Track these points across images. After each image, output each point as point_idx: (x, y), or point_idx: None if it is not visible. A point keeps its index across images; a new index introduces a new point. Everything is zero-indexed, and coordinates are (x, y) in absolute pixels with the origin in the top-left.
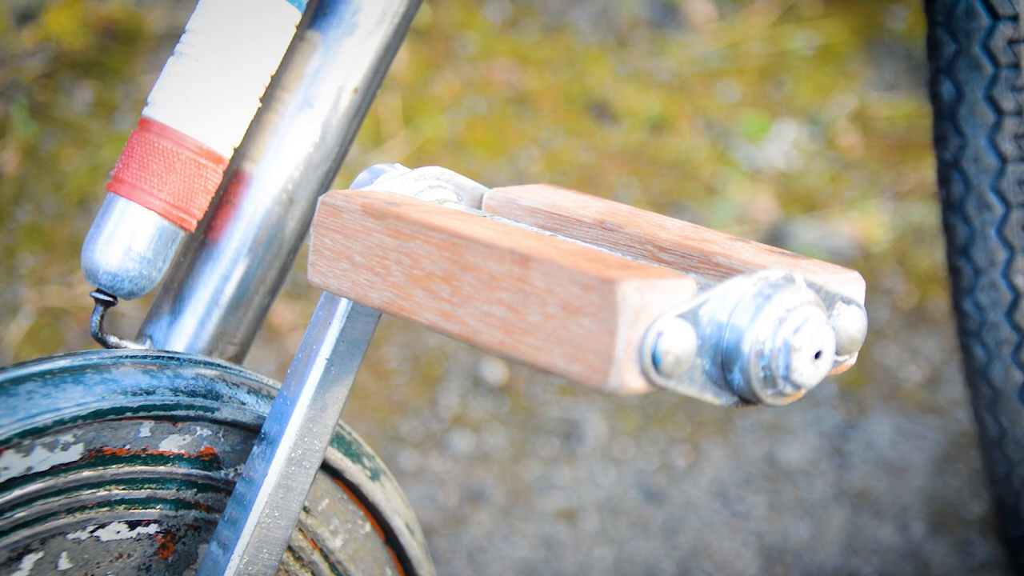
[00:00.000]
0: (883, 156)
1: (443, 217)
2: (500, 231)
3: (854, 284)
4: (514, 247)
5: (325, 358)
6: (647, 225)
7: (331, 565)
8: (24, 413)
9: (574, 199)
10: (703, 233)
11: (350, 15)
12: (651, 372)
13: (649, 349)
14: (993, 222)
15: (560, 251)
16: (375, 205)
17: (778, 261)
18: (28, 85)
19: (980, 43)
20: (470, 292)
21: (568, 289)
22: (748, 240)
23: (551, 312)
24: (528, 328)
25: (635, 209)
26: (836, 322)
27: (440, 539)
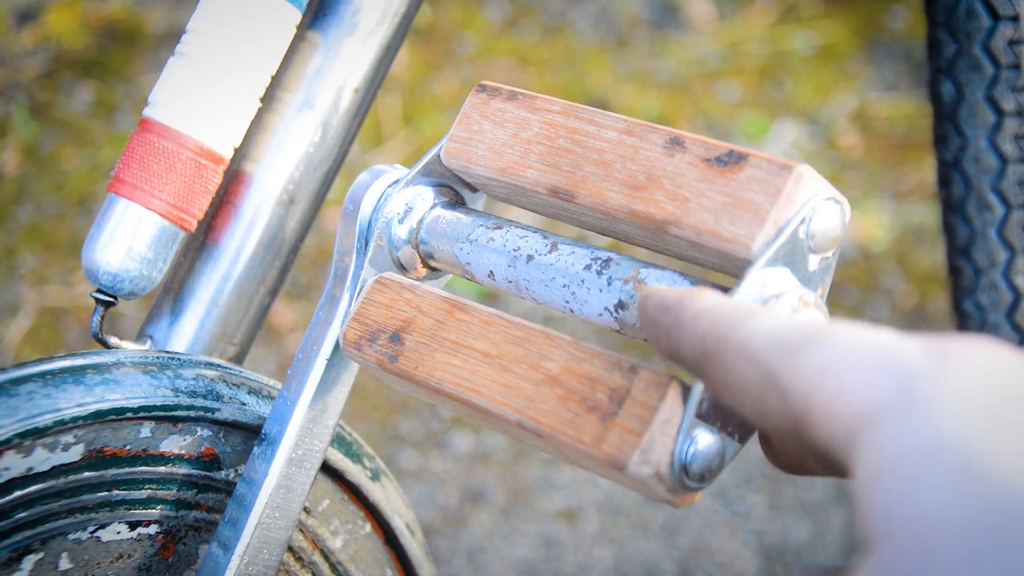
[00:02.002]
0: (883, 156)
1: (447, 361)
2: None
3: (801, 186)
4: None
5: (326, 358)
6: (592, 178)
7: (331, 565)
8: (25, 413)
9: (512, 137)
10: (641, 160)
11: (350, 15)
12: (705, 482)
13: (685, 478)
14: (993, 223)
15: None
16: (386, 362)
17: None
18: (28, 85)
19: (981, 44)
20: (515, 436)
21: (589, 462)
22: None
23: (591, 466)
24: (585, 466)
25: (571, 124)
26: (810, 235)
27: (440, 539)
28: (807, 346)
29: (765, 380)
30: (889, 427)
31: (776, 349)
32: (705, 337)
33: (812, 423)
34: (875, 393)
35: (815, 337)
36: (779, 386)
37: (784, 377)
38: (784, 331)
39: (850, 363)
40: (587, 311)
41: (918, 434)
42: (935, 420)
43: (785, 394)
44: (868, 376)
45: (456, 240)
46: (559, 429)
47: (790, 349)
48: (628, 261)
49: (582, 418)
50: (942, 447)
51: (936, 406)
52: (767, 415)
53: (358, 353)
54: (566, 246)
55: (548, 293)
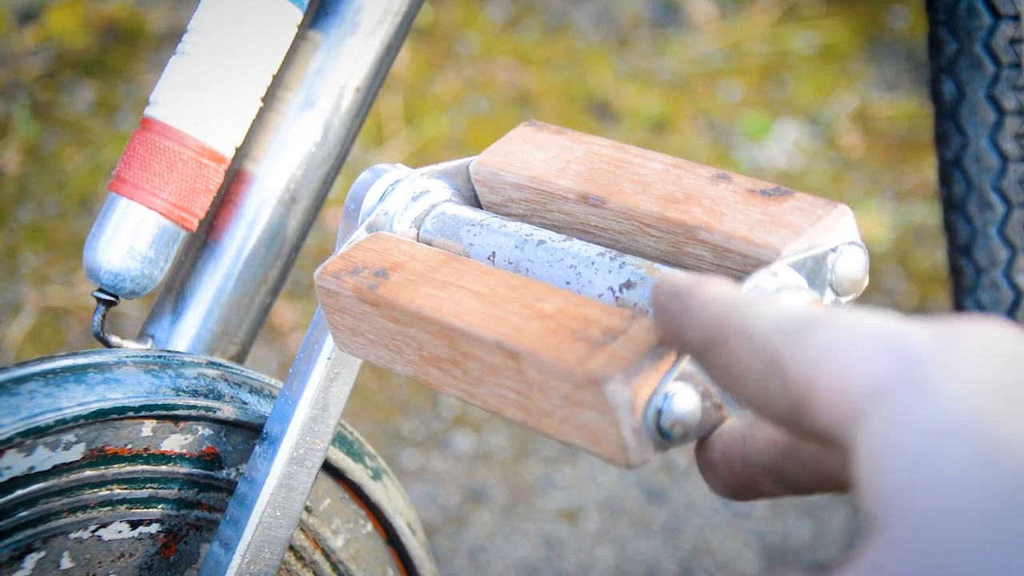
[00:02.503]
0: (884, 156)
1: (433, 293)
2: (489, 306)
3: (842, 222)
4: (501, 338)
5: (327, 357)
6: (629, 191)
7: (333, 565)
8: (26, 412)
9: (553, 157)
10: (683, 185)
11: (352, 14)
12: (666, 443)
13: (655, 428)
14: (995, 221)
15: (546, 330)
16: (364, 290)
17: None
18: (29, 85)
19: (982, 42)
20: (479, 376)
21: (563, 384)
22: (729, 179)
23: (556, 402)
24: (542, 412)
25: (616, 155)
26: (835, 270)
27: (442, 538)
28: (810, 329)
29: (767, 364)
30: (895, 405)
31: (778, 333)
32: (710, 323)
33: (813, 406)
34: (879, 372)
35: (818, 321)
36: (781, 369)
37: (786, 360)
38: (787, 316)
39: (854, 344)
40: (587, 291)
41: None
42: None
43: (786, 377)
44: (872, 355)
45: (465, 224)
46: (540, 349)
47: (792, 333)
48: (643, 260)
49: (569, 345)
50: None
51: (943, 383)
52: (768, 401)
53: (335, 281)
54: (581, 242)
55: (550, 273)
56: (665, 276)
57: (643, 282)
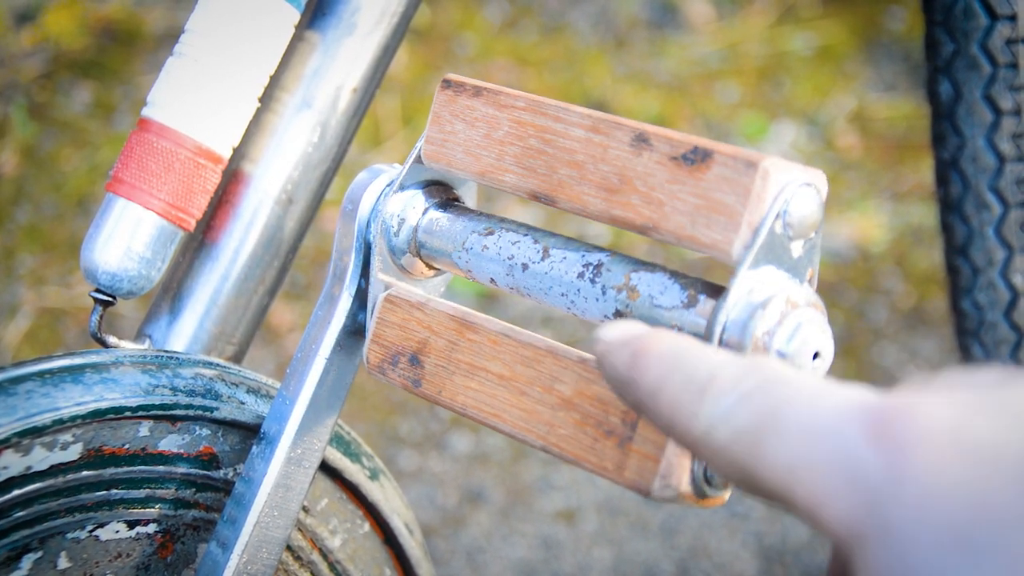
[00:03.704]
0: (881, 157)
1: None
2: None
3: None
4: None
5: (324, 358)
6: (568, 181)
7: (330, 565)
8: (23, 412)
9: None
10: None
11: (349, 15)
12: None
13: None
14: (991, 222)
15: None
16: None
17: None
18: (27, 86)
19: (978, 43)
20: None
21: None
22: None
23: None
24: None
25: (538, 122)
26: (789, 225)
27: (439, 539)
28: (764, 439)
29: (742, 476)
30: (873, 556)
31: (736, 445)
32: (670, 428)
33: (798, 510)
34: (849, 515)
35: (766, 426)
36: (759, 483)
37: (758, 476)
38: (736, 418)
39: (812, 467)
40: (589, 315)
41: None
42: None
43: (770, 489)
44: (836, 491)
45: (453, 248)
46: (582, 456)
47: (750, 443)
48: (620, 265)
49: (601, 444)
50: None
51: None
52: (752, 489)
53: (384, 377)
54: (557, 251)
55: (549, 299)
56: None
57: (630, 311)
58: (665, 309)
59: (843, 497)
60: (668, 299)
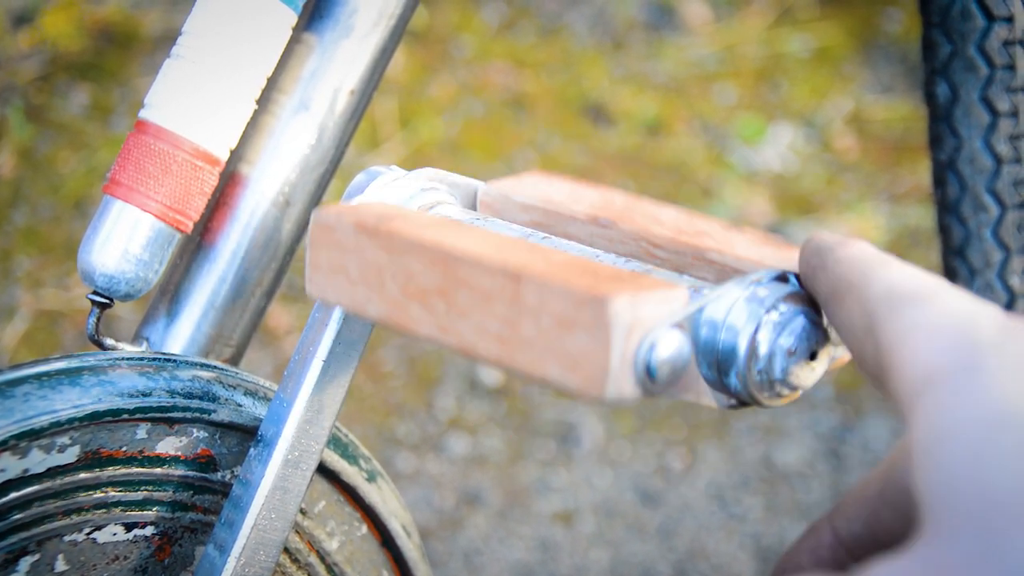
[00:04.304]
0: (879, 158)
1: (436, 231)
2: (493, 244)
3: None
4: (505, 263)
5: (322, 360)
6: (641, 219)
7: (328, 567)
8: (21, 415)
9: (568, 190)
10: (697, 224)
11: (346, 17)
12: (647, 382)
13: (644, 360)
14: (988, 223)
15: (552, 264)
16: (367, 222)
17: (772, 255)
18: (24, 88)
19: (975, 44)
20: (465, 307)
21: (561, 305)
22: (743, 228)
23: (545, 327)
24: (524, 341)
25: (630, 198)
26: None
27: (437, 541)
28: (910, 303)
29: (867, 328)
30: (948, 393)
31: (885, 301)
32: (838, 279)
33: (890, 378)
34: (939, 358)
35: (921, 295)
36: (875, 336)
37: (881, 329)
38: (899, 284)
39: (934, 326)
40: None
41: (981, 402)
42: (998, 390)
43: (878, 345)
44: (938, 340)
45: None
46: (545, 273)
47: (896, 303)
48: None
49: (576, 275)
50: (1006, 416)
51: (999, 376)
52: (862, 359)
53: (334, 216)
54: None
55: None
56: (813, 234)
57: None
58: None
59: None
60: None
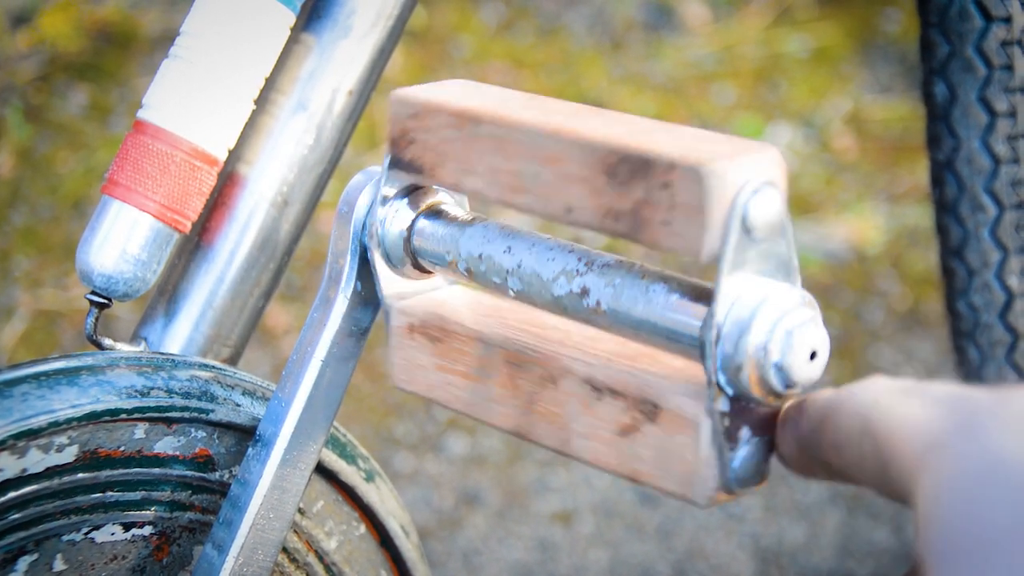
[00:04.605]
0: (877, 158)
1: None
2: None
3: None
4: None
5: (320, 360)
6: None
7: (326, 567)
8: (19, 415)
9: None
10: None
11: (344, 18)
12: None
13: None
14: (986, 223)
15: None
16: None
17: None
18: (22, 88)
19: (973, 45)
20: None
21: None
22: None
23: None
24: None
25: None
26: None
27: (435, 542)
28: (901, 395)
29: (863, 428)
30: (950, 452)
31: (875, 403)
32: (819, 409)
33: (892, 464)
34: (940, 425)
35: (910, 388)
36: (872, 432)
37: (878, 424)
38: (885, 387)
39: (931, 403)
40: None
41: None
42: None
43: (877, 439)
44: (937, 413)
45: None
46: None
47: (887, 398)
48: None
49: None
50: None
51: (994, 431)
52: (862, 464)
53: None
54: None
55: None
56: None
57: None
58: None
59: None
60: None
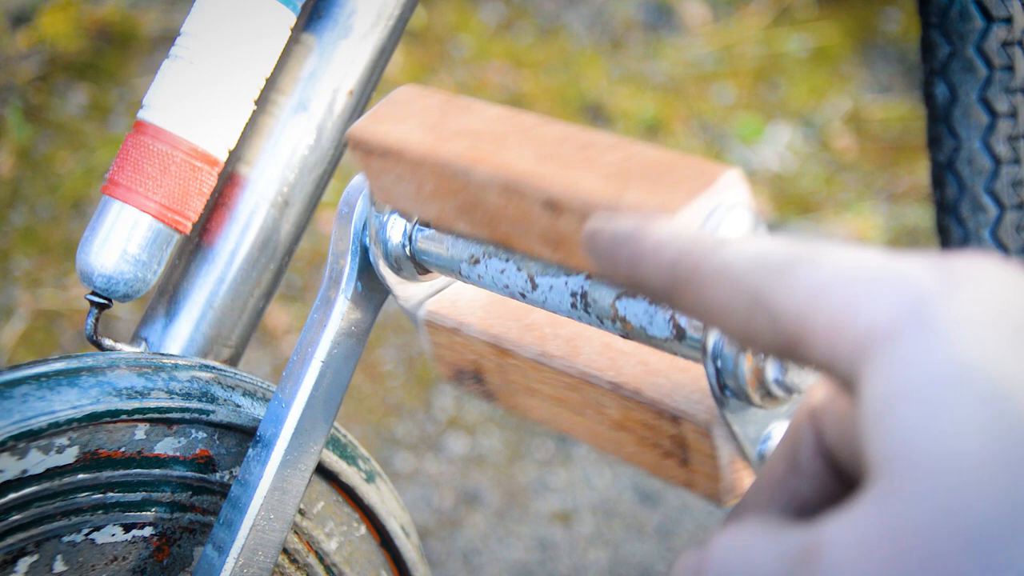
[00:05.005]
0: (877, 158)
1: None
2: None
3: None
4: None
5: (320, 360)
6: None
7: (326, 567)
8: (19, 416)
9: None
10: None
11: (345, 18)
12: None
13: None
14: (987, 224)
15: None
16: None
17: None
18: (22, 88)
19: (974, 45)
20: None
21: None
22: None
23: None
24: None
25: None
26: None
27: (435, 542)
28: (797, 266)
29: (751, 303)
30: (905, 350)
31: (762, 271)
32: (673, 266)
33: (809, 342)
34: (887, 312)
35: (804, 258)
36: (768, 308)
37: (773, 298)
38: (767, 253)
39: (852, 281)
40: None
41: (939, 358)
42: (956, 344)
43: (775, 315)
44: (876, 293)
45: (451, 272)
46: (658, 471)
47: (777, 270)
48: (602, 293)
49: (665, 463)
50: (965, 373)
51: (956, 329)
52: (755, 336)
53: (463, 388)
54: (544, 279)
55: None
56: (597, 224)
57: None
58: (660, 340)
59: (882, 299)
60: (657, 330)
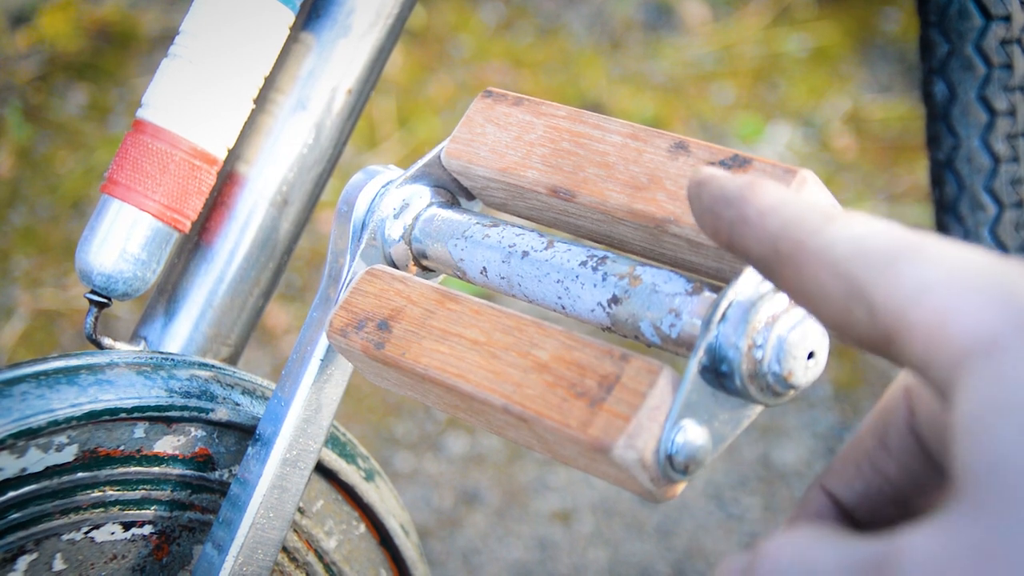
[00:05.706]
0: (877, 158)
1: (435, 348)
2: (489, 359)
3: (811, 187)
4: (508, 403)
5: (320, 359)
6: (594, 178)
7: (326, 566)
8: (18, 414)
9: (515, 139)
10: (645, 162)
11: (344, 17)
12: (686, 476)
13: (670, 469)
14: (986, 222)
15: (546, 387)
16: (372, 348)
17: None
18: (22, 88)
19: (973, 44)
20: (500, 426)
21: (574, 446)
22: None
23: (574, 454)
24: (567, 458)
25: (575, 128)
26: None
27: (435, 541)
28: (900, 259)
29: (850, 292)
30: (1006, 366)
31: (863, 259)
32: (777, 238)
33: (907, 341)
34: (989, 323)
35: (908, 250)
36: (868, 300)
37: (874, 291)
38: (871, 239)
39: (955, 283)
40: (579, 307)
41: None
42: None
43: (875, 309)
44: (979, 301)
45: (451, 237)
46: (545, 413)
47: (880, 261)
48: (624, 259)
49: (570, 403)
50: None
51: None
52: (850, 326)
53: (343, 340)
54: (562, 244)
55: (540, 289)
56: (704, 175)
57: (628, 296)
58: (667, 295)
59: (985, 309)
60: (672, 287)
